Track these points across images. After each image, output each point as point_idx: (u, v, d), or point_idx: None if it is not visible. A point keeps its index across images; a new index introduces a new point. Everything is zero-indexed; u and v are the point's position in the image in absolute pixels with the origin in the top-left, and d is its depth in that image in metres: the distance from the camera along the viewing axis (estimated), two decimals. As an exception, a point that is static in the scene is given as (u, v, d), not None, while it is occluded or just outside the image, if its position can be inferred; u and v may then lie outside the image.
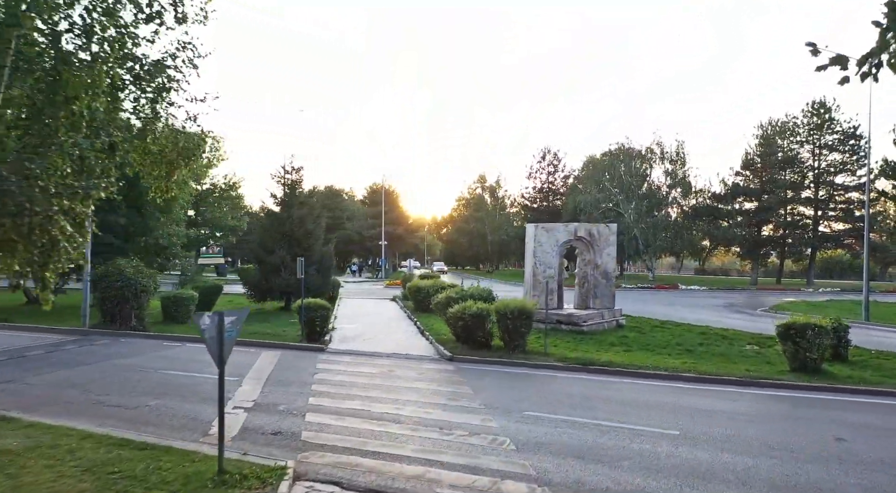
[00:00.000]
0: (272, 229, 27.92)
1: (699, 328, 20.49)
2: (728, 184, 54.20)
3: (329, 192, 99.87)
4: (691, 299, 36.96)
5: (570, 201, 62.50)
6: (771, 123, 54.10)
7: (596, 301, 21.24)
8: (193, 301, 22.71)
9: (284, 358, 15.01)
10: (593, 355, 14.63)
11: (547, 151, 72.56)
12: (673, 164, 58.69)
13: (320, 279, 27.91)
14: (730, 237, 49.95)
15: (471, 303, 15.52)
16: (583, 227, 21.37)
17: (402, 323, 22.33)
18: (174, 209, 27.47)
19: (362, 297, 37.22)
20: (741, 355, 15.29)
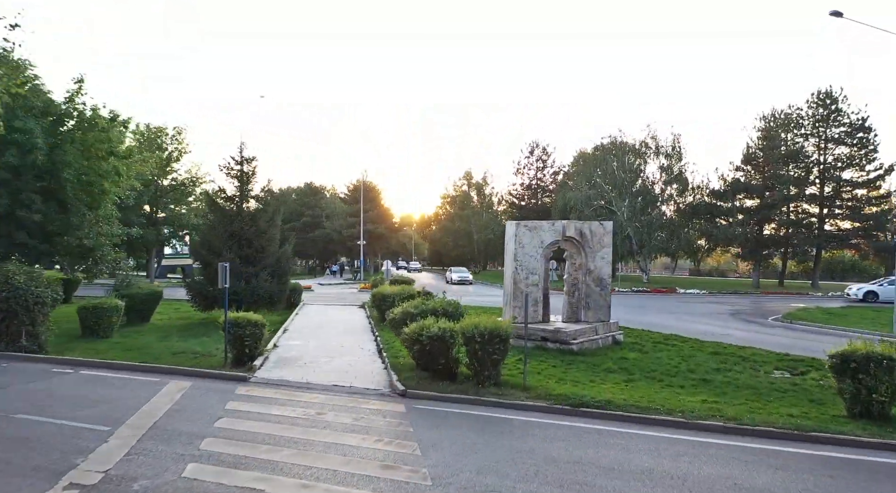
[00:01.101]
0: (219, 228, 24.69)
1: (710, 346, 17.47)
2: (727, 180, 51.36)
3: (308, 189, 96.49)
4: (692, 306, 34.06)
5: (560, 199, 59.52)
6: (774, 115, 51.25)
7: (588, 313, 18.20)
8: (118, 311, 19.51)
9: (192, 392, 11.87)
10: (586, 390, 11.55)
11: (535, 146, 69.67)
12: (668, 159, 55.84)
13: (275, 285, 24.74)
14: (730, 237, 47.03)
15: (431, 321, 12.37)
16: (572, 225, 18.31)
17: (361, 338, 19.19)
18: (104, 205, 24.16)
19: (329, 303, 34.07)
20: (772, 388, 12.26)
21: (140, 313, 23.04)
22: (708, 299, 40.09)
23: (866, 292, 35.51)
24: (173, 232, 53.69)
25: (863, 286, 36.78)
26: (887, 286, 35.30)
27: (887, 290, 34.95)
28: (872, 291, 35.45)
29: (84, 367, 14.32)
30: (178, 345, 17.42)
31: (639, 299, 39.77)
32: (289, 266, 26.54)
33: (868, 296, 35.06)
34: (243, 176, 25.78)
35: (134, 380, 13.00)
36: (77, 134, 23.26)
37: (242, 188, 25.68)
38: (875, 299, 34.56)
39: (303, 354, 16.12)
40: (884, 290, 35.22)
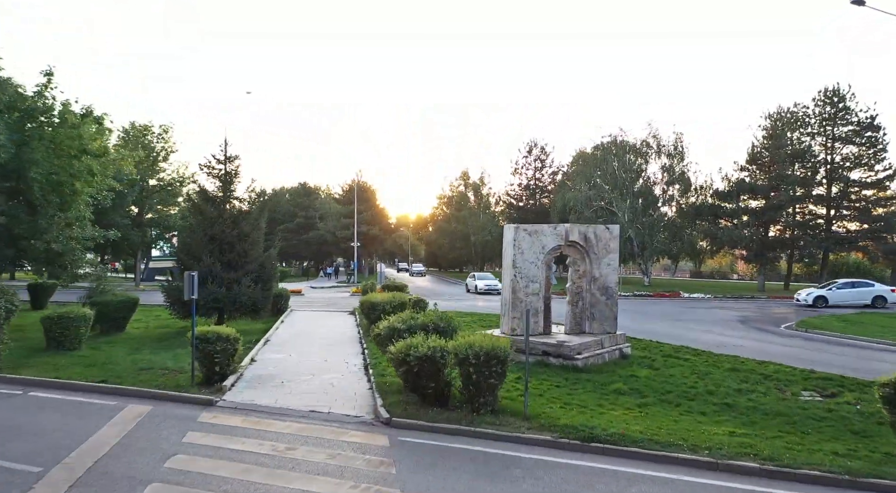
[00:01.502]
0: (199, 231, 23.27)
1: (726, 360, 16.15)
2: (731, 180, 50.02)
3: (302, 189, 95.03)
4: (698, 311, 32.77)
5: (559, 199, 58.18)
6: (780, 113, 49.91)
7: (593, 324, 16.87)
8: (86, 321, 18.14)
9: (149, 420, 10.52)
10: (596, 419, 10.22)
11: (533, 145, 68.25)
12: (670, 158, 54.53)
13: (259, 292, 23.29)
14: (735, 239, 45.67)
15: (419, 339, 11.01)
16: (576, 229, 16.97)
17: (348, 350, 17.84)
18: (75, 206, 22.73)
19: (319, 308, 32.71)
20: (806, 414, 10.94)
21: (114, 322, 21.71)
22: (713, 303, 38.78)
23: (816, 297, 35.06)
24: (160, 234, 52.32)
25: (812, 291, 36.37)
26: (836, 291, 35.07)
27: (836, 294, 34.77)
28: (822, 296, 35.08)
29: (35, 388, 12.94)
30: (148, 359, 16.08)
31: (641, 304, 38.44)
32: (274, 271, 25.14)
33: (818, 301, 34.76)
34: (225, 176, 24.41)
35: (88, 404, 11.64)
36: (47, 131, 21.85)
37: (224, 189, 24.30)
38: (824, 304, 34.42)
39: (281, 370, 14.76)
40: (833, 294, 34.99)
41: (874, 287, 35.34)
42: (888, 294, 34.69)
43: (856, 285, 35.64)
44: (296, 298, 39.17)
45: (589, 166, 55.85)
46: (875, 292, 34.67)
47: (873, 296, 34.33)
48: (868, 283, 36.23)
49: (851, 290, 34.98)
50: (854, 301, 34.06)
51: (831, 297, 34.55)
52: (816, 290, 36.22)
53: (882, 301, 34.08)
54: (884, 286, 35.96)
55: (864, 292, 34.84)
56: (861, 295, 34.50)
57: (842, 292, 34.79)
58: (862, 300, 34.13)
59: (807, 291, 36.87)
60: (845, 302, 33.92)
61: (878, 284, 36.54)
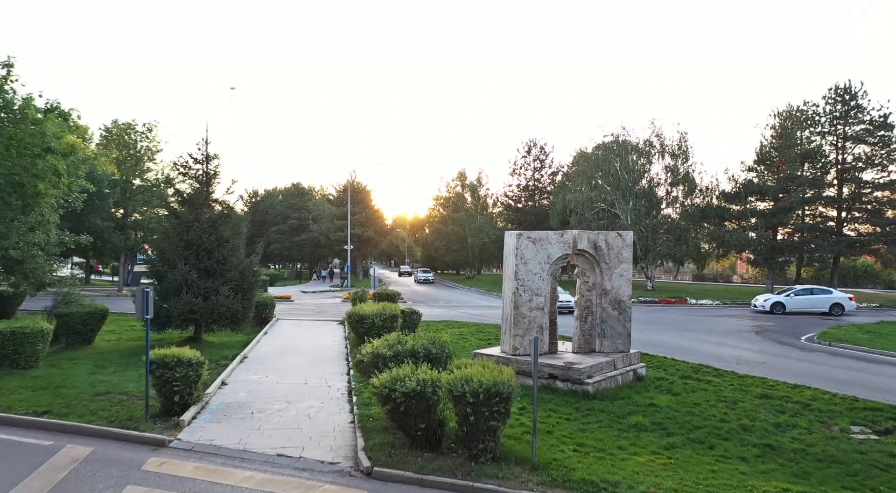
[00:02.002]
0: (174, 236, 21.60)
1: (753, 383, 14.54)
2: (738, 181, 48.37)
3: (295, 190, 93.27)
4: (709, 320, 31.19)
5: (559, 201, 56.54)
6: (789, 111, 48.24)
7: (604, 342, 15.25)
8: (44, 337, 16.48)
9: (85, 468, 8.92)
10: (617, 468, 8.59)
11: (532, 145, 66.55)
12: (674, 158, 52.96)
13: (238, 302, 21.59)
14: (744, 242, 44.02)
15: (408, 369, 9.34)
16: (585, 236, 15.32)
17: (332, 370, 16.17)
18: (38, 209, 21.04)
19: (307, 317, 31.05)
20: (867, 461, 9.32)
21: (81, 335, 20.16)
22: (723, 311, 37.23)
23: (773, 303, 34.85)
24: (145, 236, 50.58)
25: (769, 297, 35.99)
26: (794, 297, 34.82)
27: (794, 301, 34.59)
28: (780, 302, 34.79)
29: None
30: (109, 380, 14.46)
31: (647, 311, 36.85)
32: (256, 280, 23.45)
33: (775, 307, 34.59)
34: (204, 176, 22.77)
35: (17, 444, 9.97)
36: (6, 127, 20.15)
37: (203, 191, 22.66)
38: (782, 311, 34.15)
39: (254, 397, 13.09)
40: (791, 301, 34.64)
41: (832, 295, 35.24)
42: (846, 302, 34.56)
43: (814, 291, 35.60)
44: (283, 305, 37.53)
45: (590, 167, 54.22)
46: (833, 300, 34.55)
47: (831, 303, 34.32)
48: (826, 290, 36.31)
49: (809, 297, 34.87)
50: (811, 308, 34.20)
51: (789, 303, 34.44)
52: (774, 296, 35.96)
53: (839, 309, 34.01)
54: (841, 294, 35.89)
55: (821, 299, 34.77)
56: (819, 302, 34.51)
57: (799, 298, 34.69)
58: (819, 308, 34.24)
59: (764, 297, 36.47)
60: (803, 309, 34.14)
61: (836, 291, 36.65)
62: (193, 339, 21.70)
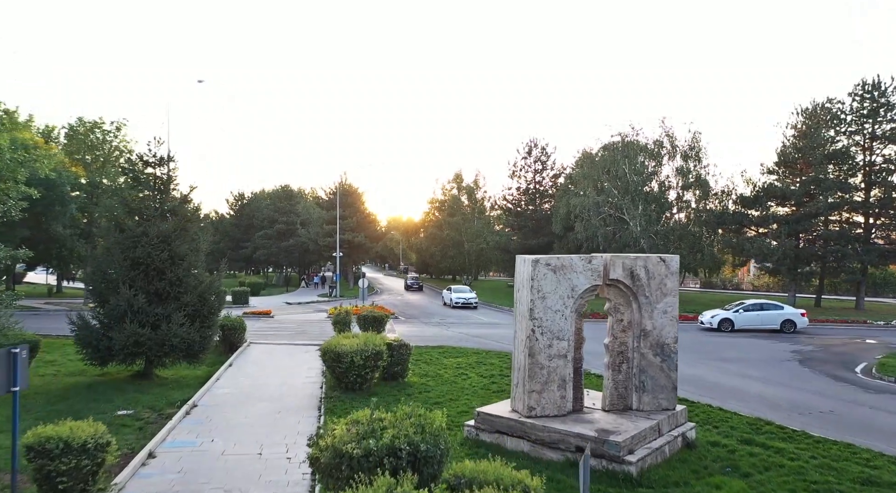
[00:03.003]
0: (118, 254, 18.35)
1: (840, 455, 11.42)
2: (757, 184, 45.25)
3: (283, 193, 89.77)
4: (736, 341, 28.20)
5: (562, 205, 53.34)
6: (814, 109, 45.03)
7: (644, 397, 12.08)
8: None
9: None
10: None
11: (533, 145, 63.33)
12: (686, 160, 49.85)
13: (196, 332, 18.36)
14: (765, 251, 40.80)
15: (381, 485, 6.10)
16: (619, 263, 12.11)
17: (297, 428, 12.94)
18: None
19: (286, 338, 27.97)
20: None
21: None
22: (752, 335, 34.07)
23: (721, 319, 32.77)
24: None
25: (717, 313, 33.62)
26: (743, 313, 32.85)
27: (743, 317, 32.64)
28: (728, 319, 32.68)
29: None
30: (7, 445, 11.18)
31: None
32: (219, 302, 20.19)
33: (723, 324, 32.63)
34: (156, 182, 19.59)
35: None
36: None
37: (155, 199, 19.49)
38: (730, 328, 32.39)
39: (185, 482, 9.87)
40: (740, 317, 32.63)
41: (783, 310, 33.23)
42: (798, 318, 32.73)
43: (764, 307, 33.46)
44: (261, 323, 34.34)
45: (596, 169, 51.03)
46: (784, 316, 32.71)
47: (782, 320, 32.56)
48: (777, 305, 33.96)
49: (759, 313, 32.90)
50: (762, 325, 32.51)
51: (738, 320, 32.59)
52: (722, 312, 33.58)
53: (791, 326, 32.40)
54: (793, 310, 33.69)
55: (772, 315, 32.83)
56: (769, 319, 32.68)
57: (749, 315, 32.77)
58: (770, 325, 32.52)
59: (711, 313, 34.08)
60: (752, 326, 32.47)
61: (788, 307, 34.16)
62: (143, 375, 18.58)
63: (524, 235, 60.44)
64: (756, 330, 32.14)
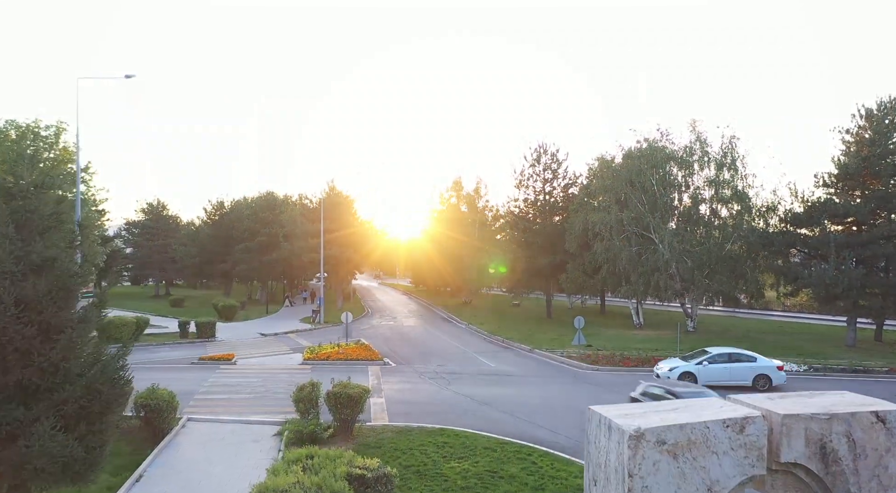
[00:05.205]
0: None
1: None
2: (809, 200, 39.29)
3: (266, 201, 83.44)
4: None
5: (578, 220, 47.45)
6: (880, 108, 38.88)
7: None
8: None
9: None
10: None
11: (542, 151, 57.35)
12: (721, 169, 44.01)
13: (80, 442, 12.49)
14: (829, 281, 34.68)
15: None
16: (799, 428, 5.99)
17: None
18: None
19: (241, 404, 22.23)
20: None
21: None
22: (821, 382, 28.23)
23: (682, 373, 27.09)
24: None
25: (676, 365, 27.83)
26: (708, 366, 27.34)
27: (709, 371, 27.16)
28: (689, 372, 27.11)
29: None
30: None
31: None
32: (124, 387, 14.22)
33: (684, 379, 26.78)
34: (22, 218, 13.70)
35: None
36: None
37: (16, 246, 13.60)
38: None
39: None
40: (705, 370, 27.15)
41: (756, 363, 27.60)
42: (773, 373, 27.35)
43: (733, 357, 27.98)
44: (217, 375, 28.35)
45: (619, 179, 45.10)
46: (757, 370, 27.29)
47: (755, 375, 27.22)
48: (749, 355, 28.09)
49: (728, 365, 27.51)
50: (730, 381, 26.88)
51: (702, 374, 27.03)
52: (682, 363, 27.84)
53: (765, 382, 27.10)
54: (768, 362, 27.74)
55: (743, 369, 27.40)
56: (740, 373, 27.28)
57: (716, 368, 27.36)
58: (741, 380, 27.07)
59: (669, 364, 28.30)
60: (720, 382, 26.46)
61: (762, 358, 28.03)
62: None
63: (532, 253, 54.57)
64: (724, 387, 26.25)
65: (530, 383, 27.92)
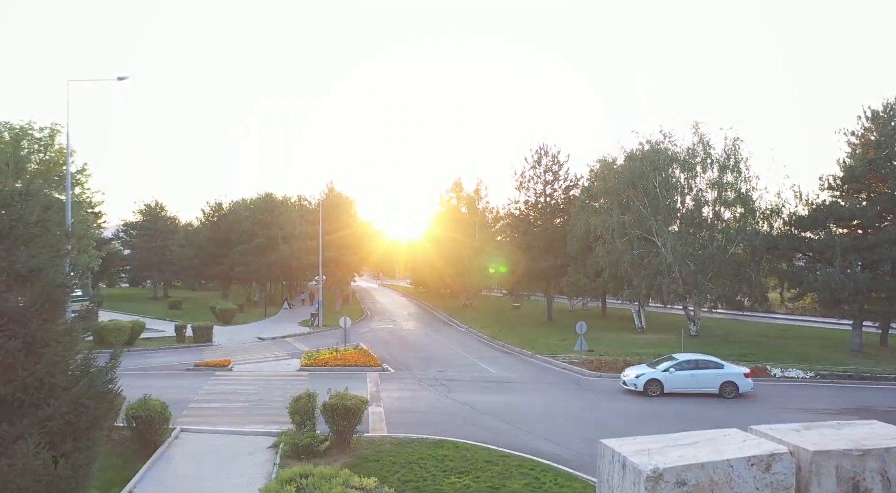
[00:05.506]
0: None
1: None
2: (813, 203, 38.87)
3: (265, 202, 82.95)
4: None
5: (580, 223, 46.98)
6: (886, 110, 38.47)
7: None
8: None
9: None
10: None
11: (543, 153, 56.79)
12: (723, 172, 43.60)
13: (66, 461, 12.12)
14: (834, 284, 34.19)
15: None
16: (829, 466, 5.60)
17: None
18: None
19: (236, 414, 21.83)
20: None
21: None
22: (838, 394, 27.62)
23: (648, 380, 26.46)
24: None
25: (643, 372, 27.07)
26: (675, 373, 26.61)
27: (676, 378, 26.52)
28: (656, 379, 26.54)
29: None
30: None
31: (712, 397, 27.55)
32: (111, 401, 13.78)
33: (650, 387, 26.37)
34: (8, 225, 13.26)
35: None
36: None
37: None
38: (659, 391, 26.37)
39: None
40: (671, 378, 26.53)
41: (723, 369, 26.81)
42: (740, 380, 26.58)
43: (700, 364, 27.23)
44: (213, 382, 27.89)
45: (621, 182, 44.65)
46: (724, 377, 26.51)
47: (722, 382, 26.45)
48: (716, 362, 27.33)
49: (694, 372, 26.76)
50: (697, 388, 26.46)
51: (668, 381, 26.50)
52: (649, 370, 27.13)
53: (732, 389, 26.35)
54: (735, 368, 27.25)
55: (709, 375, 26.61)
56: (707, 380, 26.55)
57: (682, 375, 26.64)
58: (708, 388, 26.47)
59: (636, 371, 27.61)
60: (686, 389, 26.41)
61: (728, 365, 27.39)
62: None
63: (533, 256, 54.05)
64: (690, 394, 26.18)
65: (532, 390, 27.44)
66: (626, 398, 26.06)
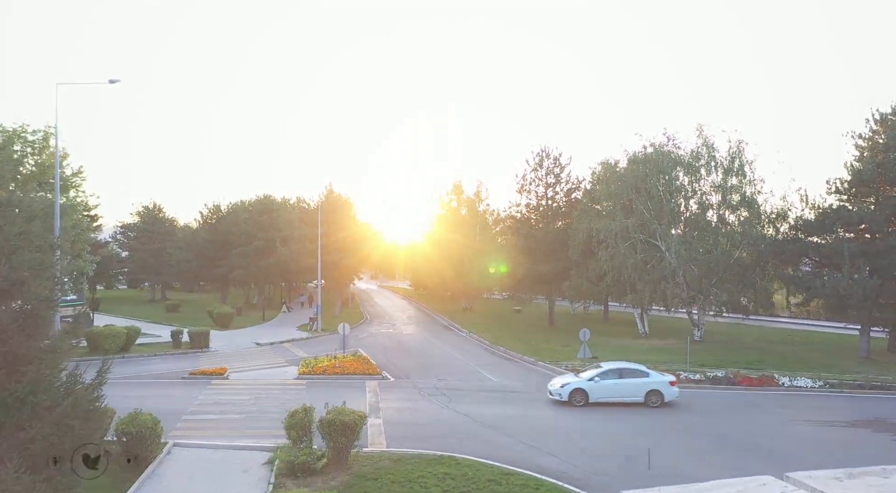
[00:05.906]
0: None
1: None
2: (820, 207, 38.27)
3: (263, 204, 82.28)
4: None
5: (582, 227, 46.45)
6: (895, 113, 37.84)
7: None
8: None
9: None
10: None
11: (544, 156, 56.21)
12: (728, 175, 43.06)
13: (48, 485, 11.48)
14: (843, 291, 33.63)
15: None
16: None
17: None
18: None
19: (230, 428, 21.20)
20: None
21: None
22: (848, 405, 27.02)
23: (573, 390, 25.80)
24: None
25: (568, 381, 26.49)
26: (600, 382, 25.91)
27: (601, 387, 25.82)
28: (581, 389, 25.82)
29: None
30: None
31: (721, 401, 26.93)
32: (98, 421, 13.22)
33: (574, 396, 25.71)
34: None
35: None
36: None
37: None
38: (584, 401, 25.66)
39: None
40: (597, 387, 25.82)
41: (648, 378, 26.27)
42: (665, 388, 26.00)
43: (624, 373, 26.53)
44: (208, 392, 27.28)
45: (625, 185, 44.10)
46: (649, 386, 25.94)
47: (647, 390, 25.89)
48: (642, 370, 26.79)
49: (619, 381, 26.13)
50: (623, 397, 25.88)
51: (594, 390, 25.83)
52: (574, 379, 26.57)
53: (657, 398, 25.78)
54: (660, 376, 26.61)
55: (634, 384, 26.06)
56: (632, 389, 25.99)
57: (607, 384, 25.98)
58: (633, 397, 25.92)
59: (561, 380, 26.95)
60: (612, 399, 25.83)
61: (654, 373, 26.82)
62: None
63: (534, 259, 53.48)
64: (616, 404, 25.61)
65: (535, 400, 26.82)
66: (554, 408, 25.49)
